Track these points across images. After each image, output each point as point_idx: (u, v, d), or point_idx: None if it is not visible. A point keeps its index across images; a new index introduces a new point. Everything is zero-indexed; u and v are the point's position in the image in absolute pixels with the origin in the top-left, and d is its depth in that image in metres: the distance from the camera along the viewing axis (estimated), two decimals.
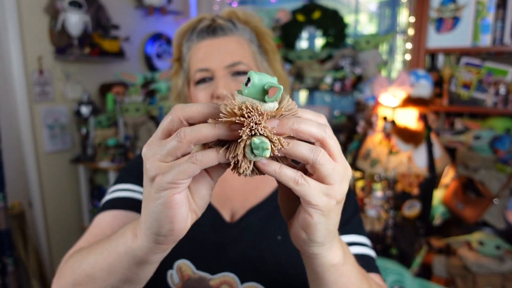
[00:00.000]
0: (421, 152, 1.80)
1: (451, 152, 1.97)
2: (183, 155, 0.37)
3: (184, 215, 0.40)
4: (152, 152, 0.37)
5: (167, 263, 0.67)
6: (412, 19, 2.19)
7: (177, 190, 0.37)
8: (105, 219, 0.69)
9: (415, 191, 1.82)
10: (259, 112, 0.34)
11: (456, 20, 2.05)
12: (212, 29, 0.73)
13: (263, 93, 0.35)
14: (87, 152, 2.38)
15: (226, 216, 0.73)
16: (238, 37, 0.74)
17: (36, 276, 2.06)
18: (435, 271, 1.73)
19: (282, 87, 0.34)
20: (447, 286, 1.69)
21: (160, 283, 0.67)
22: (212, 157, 0.35)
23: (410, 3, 2.26)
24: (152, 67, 3.03)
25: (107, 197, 0.75)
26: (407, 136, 1.76)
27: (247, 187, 0.76)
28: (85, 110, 2.42)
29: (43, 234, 2.33)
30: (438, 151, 1.84)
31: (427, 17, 2.12)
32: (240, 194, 0.76)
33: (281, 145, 0.34)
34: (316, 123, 0.36)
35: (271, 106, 0.35)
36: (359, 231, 0.71)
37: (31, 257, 2.05)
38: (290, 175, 0.36)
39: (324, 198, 0.37)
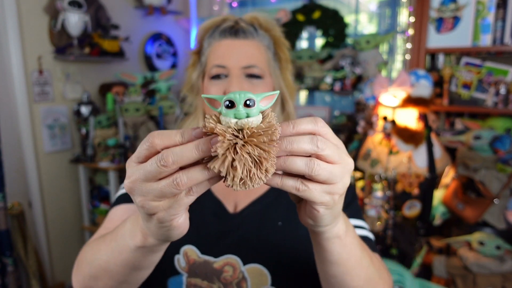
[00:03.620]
0: (421, 152, 1.80)
1: (451, 152, 1.97)
2: None
3: (187, 220, 0.43)
4: (142, 191, 0.38)
5: (174, 249, 0.73)
6: (412, 19, 2.19)
7: (180, 216, 0.41)
8: (117, 213, 0.75)
9: (415, 191, 1.81)
10: (249, 129, 0.36)
11: (456, 20, 2.05)
12: (234, 30, 0.78)
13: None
14: (87, 152, 2.38)
15: (229, 208, 0.76)
16: (257, 42, 0.79)
17: (35, 276, 2.06)
18: (435, 271, 1.72)
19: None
20: (447, 287, 1.69)
21: (169, 267, 0.73)
22: (206, 185, 0.39)
23: (410, 3, 2.26)
24: (152, 67, 3.03)
25: (120, 192, 0.80)
26: (407, 136, 1.76)
27: None
28: (85, 110, 2.42)
29: (42, 234, 2.33)
30: (438, 151, 1.84)
31: (427, 17, 2.12)
32: None
33: (272, 160, 0.36)
34: (308, 139, 0.37)
35: (254, 120, 0.36)
36: (357, 215, 0.77)
37: (30, 257, 2.05)
38: (291, 184, 0.39)
39: (326, 196, 0.40)
